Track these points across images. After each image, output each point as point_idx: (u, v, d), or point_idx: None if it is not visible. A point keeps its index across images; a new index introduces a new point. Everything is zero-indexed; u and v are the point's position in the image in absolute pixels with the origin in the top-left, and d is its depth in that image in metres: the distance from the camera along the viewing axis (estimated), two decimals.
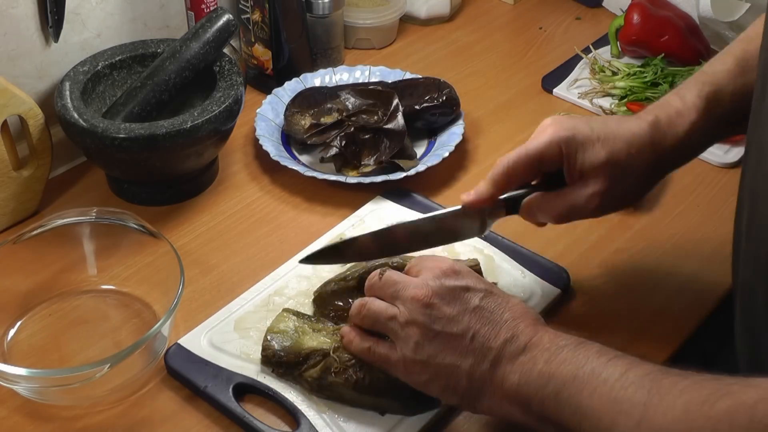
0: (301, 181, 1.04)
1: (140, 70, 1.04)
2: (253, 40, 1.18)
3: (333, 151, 1.04)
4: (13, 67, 0.99)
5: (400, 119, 1.06)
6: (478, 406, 0.72)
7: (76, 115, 0.94)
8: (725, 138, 0.84)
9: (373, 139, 1.06)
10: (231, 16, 1.01)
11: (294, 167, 1.03)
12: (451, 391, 0.72)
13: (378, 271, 0.77)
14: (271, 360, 0.81)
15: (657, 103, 0.83)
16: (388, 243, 0.83)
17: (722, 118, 0.81)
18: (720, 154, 1.08)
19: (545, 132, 0.80)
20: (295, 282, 0.91)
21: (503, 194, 0.82)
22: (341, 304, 0.85)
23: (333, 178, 1.02)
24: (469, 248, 0.94)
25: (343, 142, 1.05)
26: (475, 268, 0.88)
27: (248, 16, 1.16)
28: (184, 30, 1.14)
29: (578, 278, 0.93)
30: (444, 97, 1.11)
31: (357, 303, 0.77)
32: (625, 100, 1.16)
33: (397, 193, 1.02)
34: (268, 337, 0.81)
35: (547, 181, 0.82)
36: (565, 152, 0.79)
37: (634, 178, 0.80)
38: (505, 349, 0.70)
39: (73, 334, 0.87)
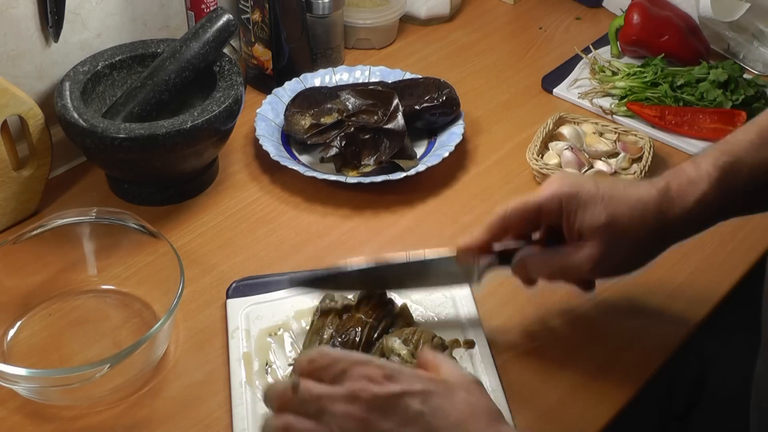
0: (301, 181, 1.04)
1: (140, 70, 1.04)
2: (253, 40, 1.17)
3: (333, 151, 1.04)
4: (13, 67, 0.99)
5: (400, 119, 1.06)
6: None
7: (76, 115, 0.94)
8: (740, 215, 0.79)
9: (373, 139, 1.06)
10: (231, 16, 1.01)
11: (294, 167, 1.03)
12: None
13: (290, 382, 0.64)
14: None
15: (672, 169, 0.77)
16: (377, 281, 0.82)
17: (738, 191, 0.75)
18: None
19: (550, 185, 0.76)
20: None
21: (498, 243, 0.79)
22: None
23: (333, 178, 1.02)
24: None
25: (343, 142, 1.05)
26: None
27: (248, 16, 1.16)
28: (184, 30, 1.14)
29: None
30: (444, 97, 1.11)
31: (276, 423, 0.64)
32: (625, 100, 1.16)
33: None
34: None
35: (549, 238, 0.78)
36: (564, 208, 0.75)
37: (633, 245, 0.75)
38: None
39: (73, 334, 0.87)
